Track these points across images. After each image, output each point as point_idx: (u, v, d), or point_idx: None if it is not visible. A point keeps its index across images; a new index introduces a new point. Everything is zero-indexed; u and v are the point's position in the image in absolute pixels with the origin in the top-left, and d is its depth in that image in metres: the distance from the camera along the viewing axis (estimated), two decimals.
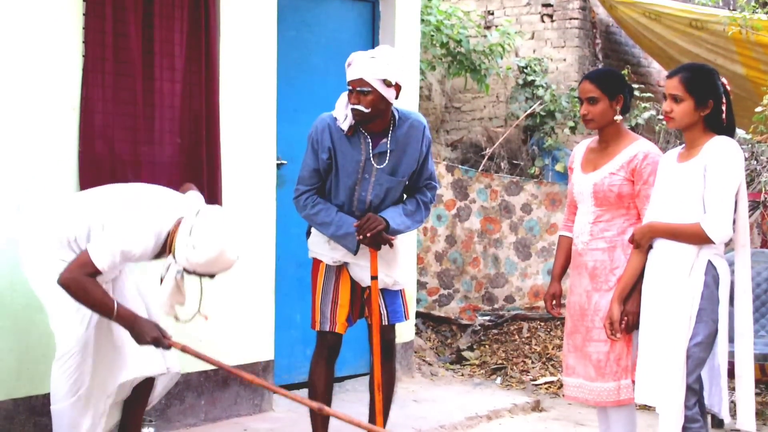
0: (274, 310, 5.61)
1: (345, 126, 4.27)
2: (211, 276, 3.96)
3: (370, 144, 4.31)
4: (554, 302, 4.38)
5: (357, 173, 4.32)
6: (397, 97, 4.30)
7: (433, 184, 4.53)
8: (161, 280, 3.97)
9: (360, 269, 4.39)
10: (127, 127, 4.81)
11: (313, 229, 4.46)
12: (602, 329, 4.06)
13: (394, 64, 4.20)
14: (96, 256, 3.82)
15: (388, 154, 4.33)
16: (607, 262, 4.09)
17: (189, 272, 3.91)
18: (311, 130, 4.36)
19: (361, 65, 4.18)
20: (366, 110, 4.19)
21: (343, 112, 4.28)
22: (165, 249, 3.94)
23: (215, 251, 3.82)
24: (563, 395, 4.38)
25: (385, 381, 4.48)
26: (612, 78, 4.16)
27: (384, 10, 6.33)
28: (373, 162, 4.31)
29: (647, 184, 4.03)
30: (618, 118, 4.12)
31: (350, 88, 4.22)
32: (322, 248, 4.42)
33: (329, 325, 4.39)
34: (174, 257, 3.88)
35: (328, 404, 4.45)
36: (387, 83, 4.18)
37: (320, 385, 4.43)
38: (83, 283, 3.81)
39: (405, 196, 4.51)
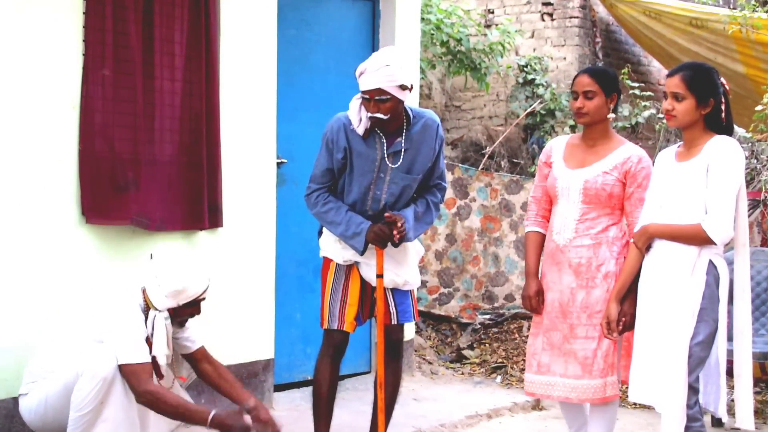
0: (274, 309, 5.61)
1: (360, 130, 4.26)
2: (195, 306, 4.18)
3: (385, 143, 4.31)
4: (540, 299, 4.23)
5: (372, 172, 4.32)
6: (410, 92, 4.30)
7: (443, 184, 4.54)
8: (149, 344, 4.06)
9: (370, 269, 4.39)
10: (128, 126, 4.80)
11: (324, 229, 4.47)
12: (589, 326, 4.07)
13: (406, 67, 4.18)
14: (128, 357, 3.94)
15: (403, 153, 4.33)
16: (593, 259, 4.10)
17: (175, 314, 4.13)
18: (326, 129, 4.36)
19: (378, 74, 4.13)
20: (385, 117, 4.19)
21: (356, 117, 4.27)
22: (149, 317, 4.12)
23: (180, 270, 4.11)
24: (526, 392, 4.32)
25: (391, 380, 4.49)
26: (609, 76, 4.21)
27: (384, 9, 6.33)
28: (387, 161, 4.32)
29: (641, 187, 4.07)
30: (611, 115, 4.16)
31: (366, 96, 4.19)
32: (333, 247, 4.43)
33: (337, 323, 4.39)
34: (154, 306, 4.09)
35: (332, 402, 4.46)
36: (403, 87, 4.17)
37: (325, 384, 4.42)
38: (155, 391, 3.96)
39: (415, 196, 4.51)
